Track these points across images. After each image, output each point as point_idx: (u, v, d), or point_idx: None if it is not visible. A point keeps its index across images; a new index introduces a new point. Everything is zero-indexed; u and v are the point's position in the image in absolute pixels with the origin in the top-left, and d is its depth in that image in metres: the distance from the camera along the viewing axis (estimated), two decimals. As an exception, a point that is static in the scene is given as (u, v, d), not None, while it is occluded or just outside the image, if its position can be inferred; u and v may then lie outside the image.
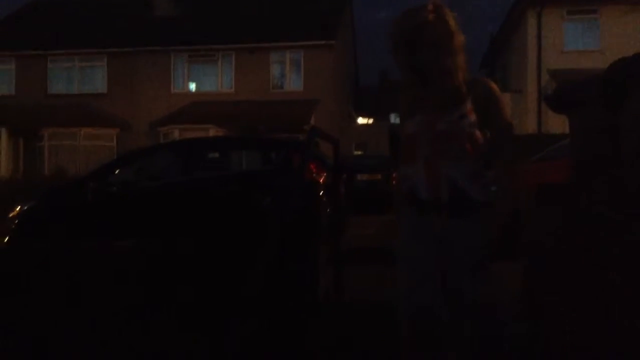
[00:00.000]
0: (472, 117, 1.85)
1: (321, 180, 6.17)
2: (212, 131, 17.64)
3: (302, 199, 5.29)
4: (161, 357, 3.18)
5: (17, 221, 6.37)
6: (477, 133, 1.85)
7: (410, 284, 1.86)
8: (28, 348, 3.33)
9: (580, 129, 3.34)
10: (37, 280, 4.93)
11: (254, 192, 6.32)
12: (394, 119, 31.92)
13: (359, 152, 20.14)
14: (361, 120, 31.27)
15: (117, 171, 6.92)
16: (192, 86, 20.60)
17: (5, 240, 6.33)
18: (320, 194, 6.09)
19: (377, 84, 38.47)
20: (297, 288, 4.03)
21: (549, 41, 17.70)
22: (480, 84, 1.91)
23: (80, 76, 20.72)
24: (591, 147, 3.13)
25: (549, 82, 16.74)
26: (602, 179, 2.86)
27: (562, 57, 17.33)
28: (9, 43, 20.71)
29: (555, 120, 14.46)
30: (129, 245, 6.19)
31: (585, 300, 2.48)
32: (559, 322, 2.58)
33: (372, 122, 30.91)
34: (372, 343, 3.17)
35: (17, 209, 6.45)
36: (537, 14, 17.80)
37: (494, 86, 1.93)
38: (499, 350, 1.79)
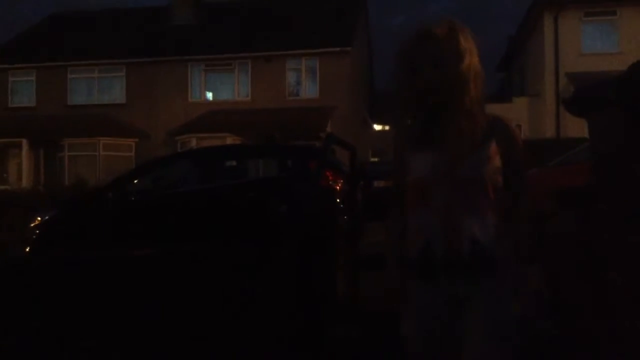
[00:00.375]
0: (497, 162, 1.66)
1: (338, 188, 6.15)
2: (229, 139, 17.73)
3: (318, 205, 5.28)
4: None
5: (37, 231, 6.46)
6: (500, 180, 1.66)
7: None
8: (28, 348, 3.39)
9: (599, 131, 3.29)
10: (53, 288, 4.98)
11: (270, 200, 6.32)
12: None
13: (376, 159, 20.03)
14: (377, 127, 31.15)
15: (135, 181, 6.98)
16: (209, 95, 20.78)
17: (27, 249, 6.44)
18: (337, 201, 6.07)
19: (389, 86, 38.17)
20: (312, 294, 4.02)
21: (566, 44, 17.46)
22: (501, 124, 1.71)
23: (100, 87, 21.05)
24: (609, 149, 3.08)
25: (566, 86, 16.53)
26: (611, 181, 2.82)
27: (580, 59, 17.05)
28: (30, 55, 21.13)
29: (574, 124, 14.26)
30: (148, 254, 6.22)
31: (587, 300, 2.47)
32: (559, 322, 2.57)
33: (389, 129, 30.74)
34: (379, 346, 3.21)
35: (38, 219, 6.55)
36: (553, 16, 17.59)
37: (514, 127, 1.76)
38: (500, 350, 1.75)
